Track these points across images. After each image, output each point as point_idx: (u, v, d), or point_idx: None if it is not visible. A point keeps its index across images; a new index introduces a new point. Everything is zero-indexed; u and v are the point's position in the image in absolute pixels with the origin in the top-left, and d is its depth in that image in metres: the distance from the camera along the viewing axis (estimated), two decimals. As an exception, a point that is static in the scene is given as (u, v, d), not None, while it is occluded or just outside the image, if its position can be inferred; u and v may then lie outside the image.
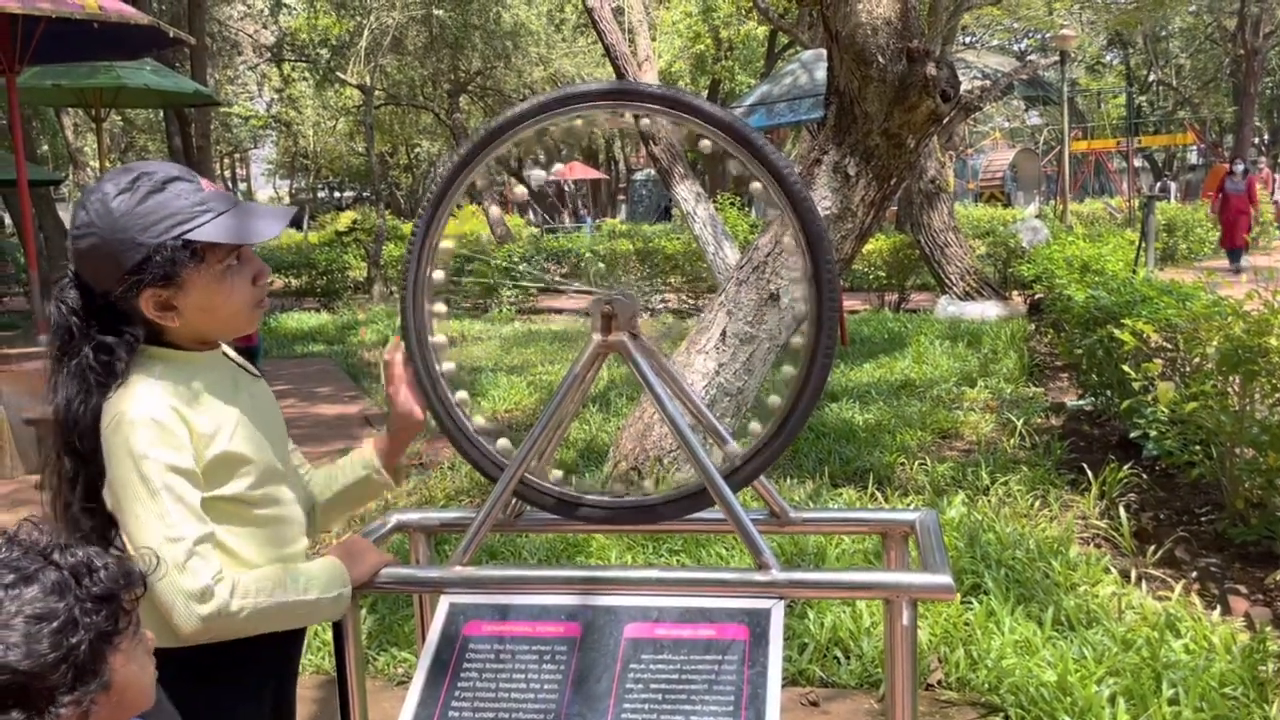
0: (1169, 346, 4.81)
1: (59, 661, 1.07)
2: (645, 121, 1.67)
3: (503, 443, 1.82)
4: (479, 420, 1.83)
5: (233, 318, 1.60)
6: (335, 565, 1.64)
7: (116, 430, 1.47)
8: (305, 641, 1.87)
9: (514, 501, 1.85)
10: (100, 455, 1.50)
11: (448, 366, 1.83)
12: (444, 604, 1.68)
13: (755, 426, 1.79)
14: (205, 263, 1.52)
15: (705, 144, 1.68)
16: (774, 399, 1.72)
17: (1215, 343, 4.23)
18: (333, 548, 1.72)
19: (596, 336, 1.69)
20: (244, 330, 1.65)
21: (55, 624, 1.08)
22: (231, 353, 1.72)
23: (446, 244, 1.79)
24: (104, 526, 1.52)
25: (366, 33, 22.33)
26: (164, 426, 1.47)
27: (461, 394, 1.83)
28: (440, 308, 1.83)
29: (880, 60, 4.37)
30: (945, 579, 1.52)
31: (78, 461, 1.52)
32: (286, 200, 41.77)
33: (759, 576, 1.58)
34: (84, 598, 1.12)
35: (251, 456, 1.58)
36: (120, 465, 1.47)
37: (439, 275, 1.80)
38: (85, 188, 1.59)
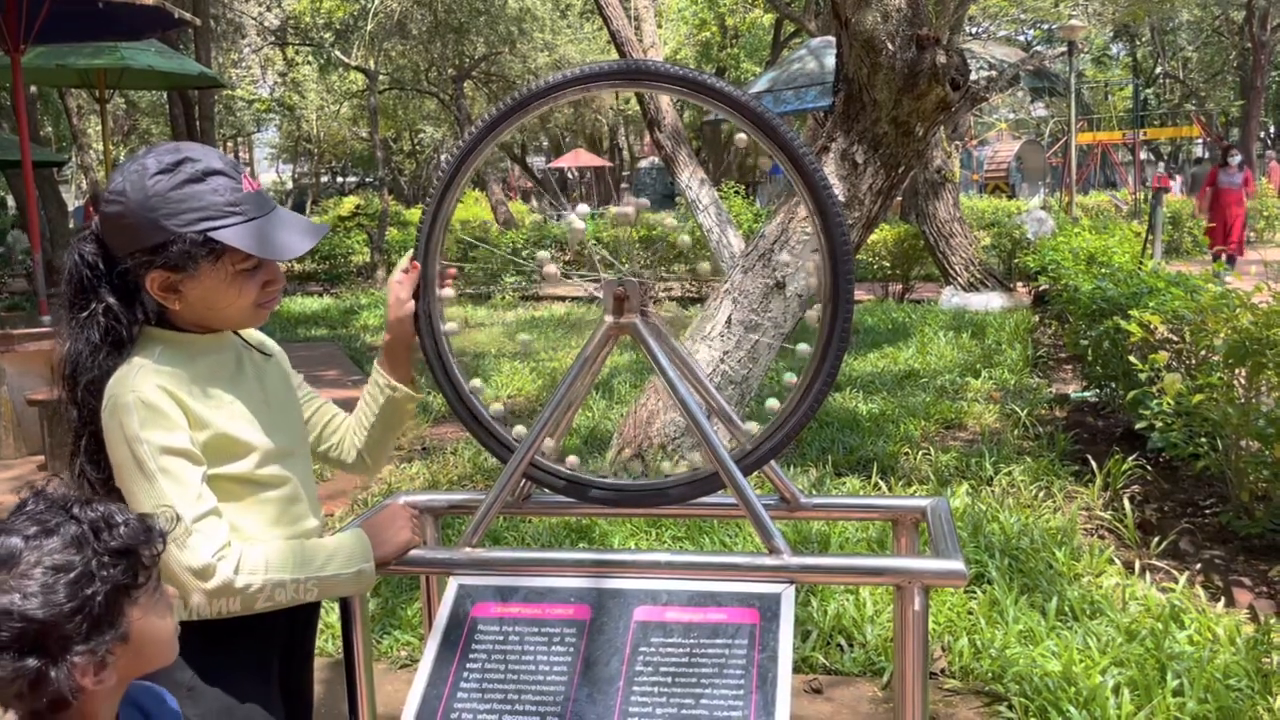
0: (1175, 338, 4.79)
1: (74, 612, 1.10)
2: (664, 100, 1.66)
3: (519, 429, 1.82)
4: (496, 408, 1.83)
5: (234, 315, 1.59)
6: (360, 539, 1.62)
7: (111, 414, 1.48)
8: (318, 623, 1.85)
9: (522, 484, 1.84)
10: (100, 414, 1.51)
11: (475, 384, 1.83)
12: (452, 585, 1.67)
13: (773, 403, 1.77)
14: (221, 262, 1.51)
15: (739, 136, 1.67)
16: (789, 376, 1.71)
17: (1222, 334, 4.21)
18: (366, 520, 1.70)
19: (608, 318, 1.68)
20: (245, 326, 1.65)
21: (72, 575, 1.11)
22: (246, 333, 1.71)
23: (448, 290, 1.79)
24: (110, 480, 1.52)
25: (371, 16, 22.26)
26: (153, 407, 1.47)
27: (476, 381, 1.83)
28: (449, 292, 1.82)
29: (890, 47, 4.35)
30: (957, 565, 1.51)
31: (82, 416, 1.53)
32: (289, 185, 41.70)
33: (770, 561, 1.57)
34: (102, 551, 1.15)
35: (251, 439, 1.57)
36: (117, 449, 1.48)
37: (447, 291, 1.80)
38: (121, 162, 1.56)
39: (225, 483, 1.54)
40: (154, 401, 1.47)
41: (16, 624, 1.08)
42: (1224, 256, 13.44)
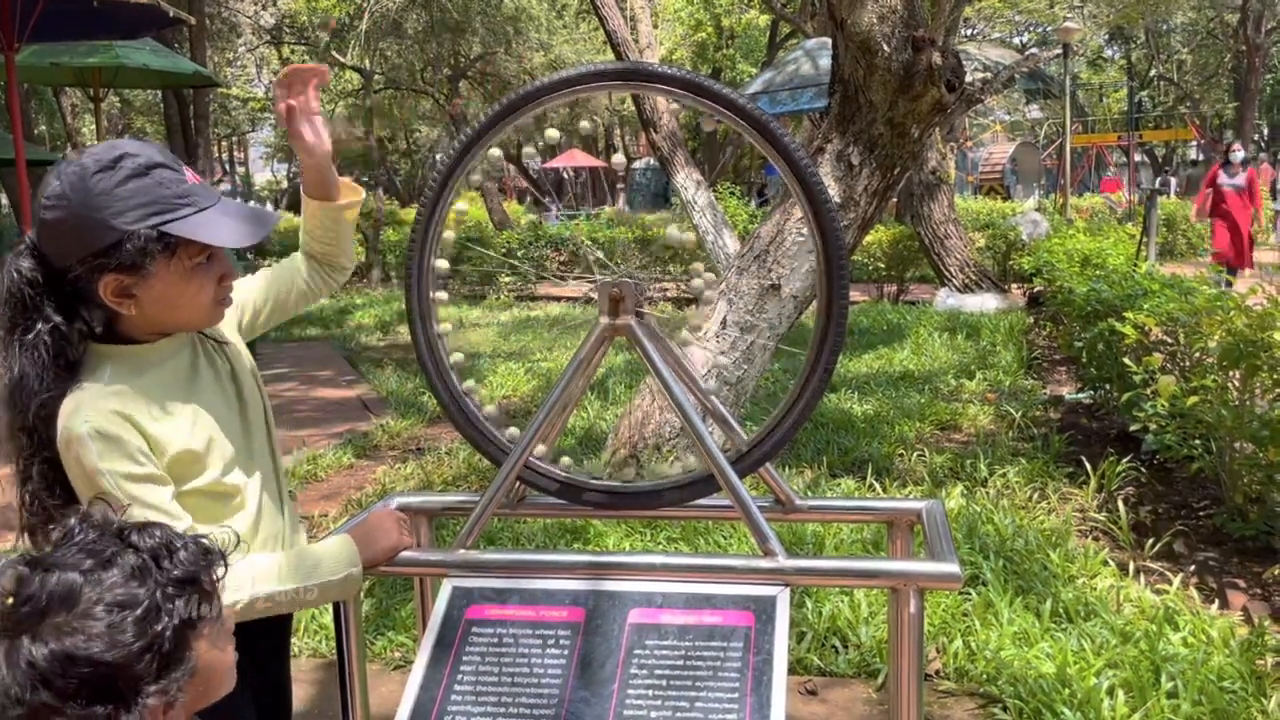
0: (1170, 340, 4.80)
1: (144, 651, 1.01)
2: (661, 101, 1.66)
3: (512, 430, 1.81)
4: (489, 409, 1.82)
5: (192, 314, 1.54)
6: (346, 544, 1.61)
7: (68, 448, 1.43)
8: (294, 620, 1.84)
9: (517, 486, 1.84)
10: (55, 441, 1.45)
11: (456, 358, 1.82)
12: (447, 587, 1.67)
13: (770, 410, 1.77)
14: (176, 257, 1.45)
15: (708, 124, 1.67)
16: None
17: (1217, 337, 4.22)
18: (353, 526, 1.69)
19: (604, 319, 1.67)
20: (203, 325, 1.60)
21: (138, 611, 1.02)
22: (213, 333, 1.67)
23: (448, 234, 1.78)
24: (66, 507, 1.45)
25: (366, 16, 22.24)
26: (110, 437, 1.42)
27: (470, 383, 1.82)
28: (442, 295, 1.82)
29: (885, 49, 4.35)
30: (953, 568, 1.51)
31: (34, 443, 1.47)
32: (285, 184, 41.64)
33: (765, 563, 1.57)
34: (165, 582, 1.06)
35: (214, 449, 1.55)
36: (81, 482, 1.43)
37: (442, 264, 1.79)
38: (62, 158, 1.51)
39: (194, 497, 1.52)
40: (109, 431, 1.42)
41: (83, 669, 0.99)
42: (1228, 268, 10.79)
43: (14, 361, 1.44)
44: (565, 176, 36.35)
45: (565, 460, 1.81)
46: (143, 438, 1.45)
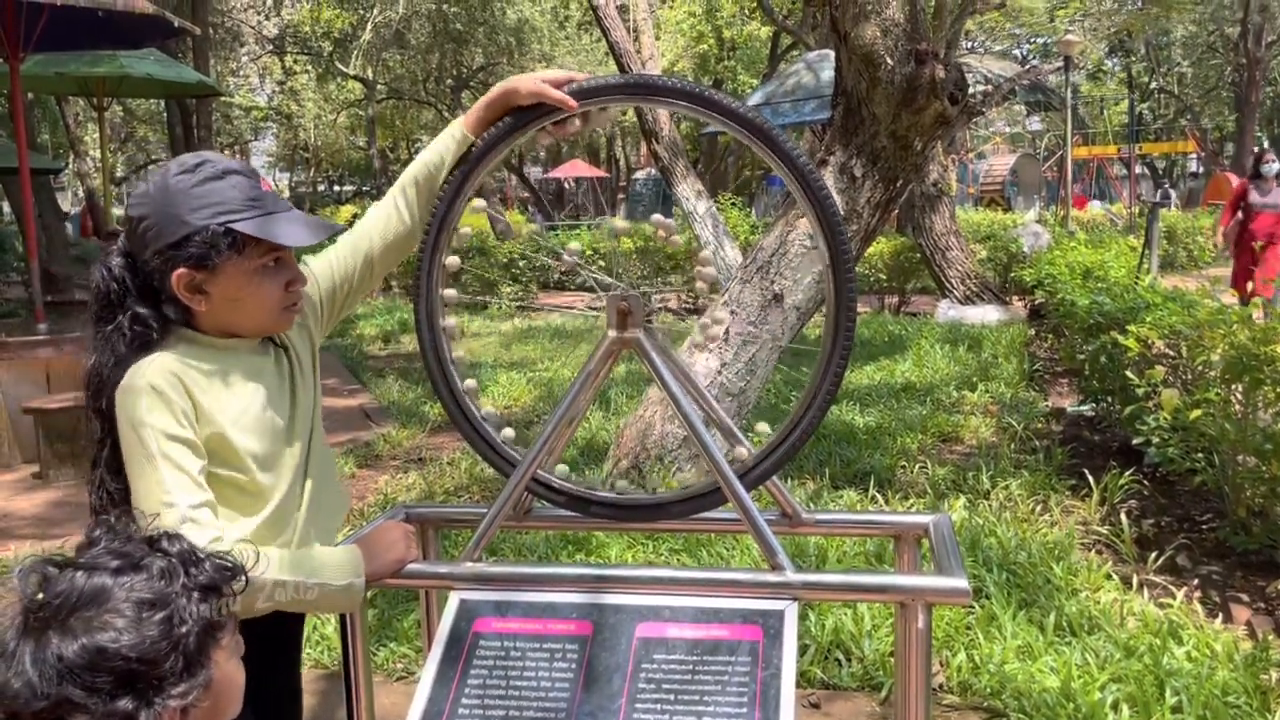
0: (1172, 353, 4.80)
1: (170, 650, 1.04)
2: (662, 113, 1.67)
3: (507, 432, 1.81)
4: (487, 408, 1.82)
5: (260, 315, 1.61)
6: (352, 554, 1.62)
7: (123, 397, 1.51)
8: (305, 628, 1.84)
9: (524, 498, 1.84)
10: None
11: (458, 353, 1.82)
12: (454, 600, 1.67)
13: (763, 427, 1.78)
14: (243, 256, 1.54)
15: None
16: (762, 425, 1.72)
17: (1220, 350, 4.22)
18: (361, 536, 1.69)
19: (612, 332, 1.68)
20: (272, 330, 1.67)
21: (165, 612, 1.05)
22: (281, 340, 1.71)
23: (464, 229, 1.79)
24: (127, 492, 1.52)
25: (370, 26, 22.31)
26: (163, 394, 1.49)
27: (471, 382, 1.82)
28: (451, 293, 1.82)
29: (888, 62, 4.36)
30: (961, 583, 1.51)
31: (104, 427, 1.55)
32: (287, 194, 41.74)
33: (773, 577, 1.57)
34: (191, 587, 1.08)
35: (251, 447, 1.58)
36: (124, 431, 1.50)
37: (453, 260, 1.79)
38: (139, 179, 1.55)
39: (218, 484, 1.55)
40: (163, 388, 1.49)
41: (112, 663, 1.00)
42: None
43: (97, 350, 1.56)
44: (567, 187, 36.41)
45: (561, 468, 1.81)
46: (192, 405, 1.52)
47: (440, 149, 1.78)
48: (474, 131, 1.76)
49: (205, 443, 1.53)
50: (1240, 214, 9.35)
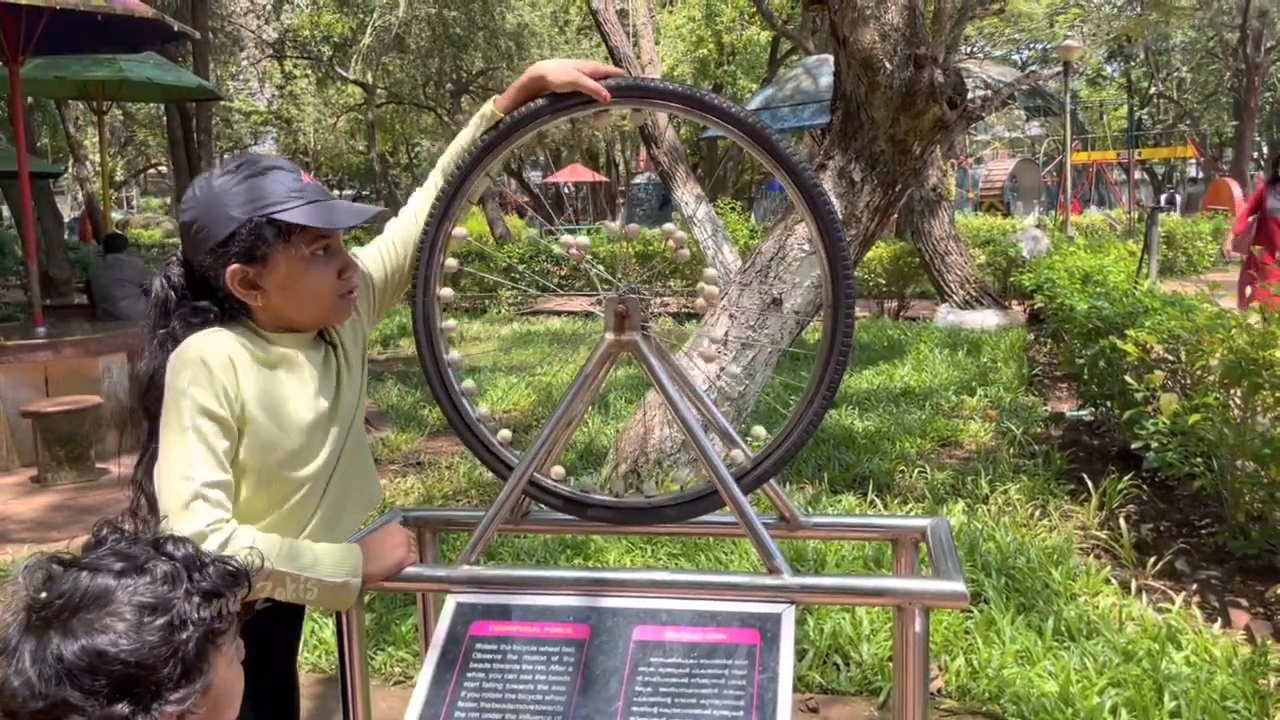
0: (1171, 358, 4.80)
1: (169, 656, 1.03)
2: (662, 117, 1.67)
3: (504, 433, 1.81)
4: (482, 409, 1.82)
5: (315, 303, 1.62)
6: (351, 553, 1.62)
7: (174, 363, 1.53)
8: (303, 627, 1.84)
9: (521, 501, 1.84)
10: None
11: (454, 355, 1.82)
12: (450, 603, 1.66)
13: (760, 430, 1.78)
14: (291, 244, 1.57)
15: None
16: (758, 429, 1.71)
17: (1218, 355, 4.22)
18: (362, 537, 1.69)
19: (609, 335, 1.67)
20: (330, 320, 1.68)
21: (168, 616, 1.04)
22: (331, 338, 1.72)
23: (459, 229, 1.79)
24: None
25: (369, 30, 22.32)
26: (210, 370, 1.51)
27: (469, 383, 1.82)
28: (448, 292, 1.82)
29: (887, 66, 4.37)
30: (958, 587, 1.51)
31: (152, 428, 1.57)
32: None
33: (770, 581, 1.56)
34: (194, 591, 1.07)
35: (284, 442, 1.59)
36: (166, 397, 1.53)
37: (451, 261, 1.79)
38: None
39: (242, 471, 1.56)
40: (212, 363, 1.51)
41: (110, 667, 1.00)
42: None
43: (151, 355, 1.59)
44: (566, 191, 36.42)
45: (557, 469, 1.81)
46: (237, 386, 1.54)
47: (474, 131, 1.81)
48: (505, 112, 1.77)
49: (240, 426, 1.54)
50: (1255, 221, 8.53)
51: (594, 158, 35.75)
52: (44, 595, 1.03)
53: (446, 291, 1.81)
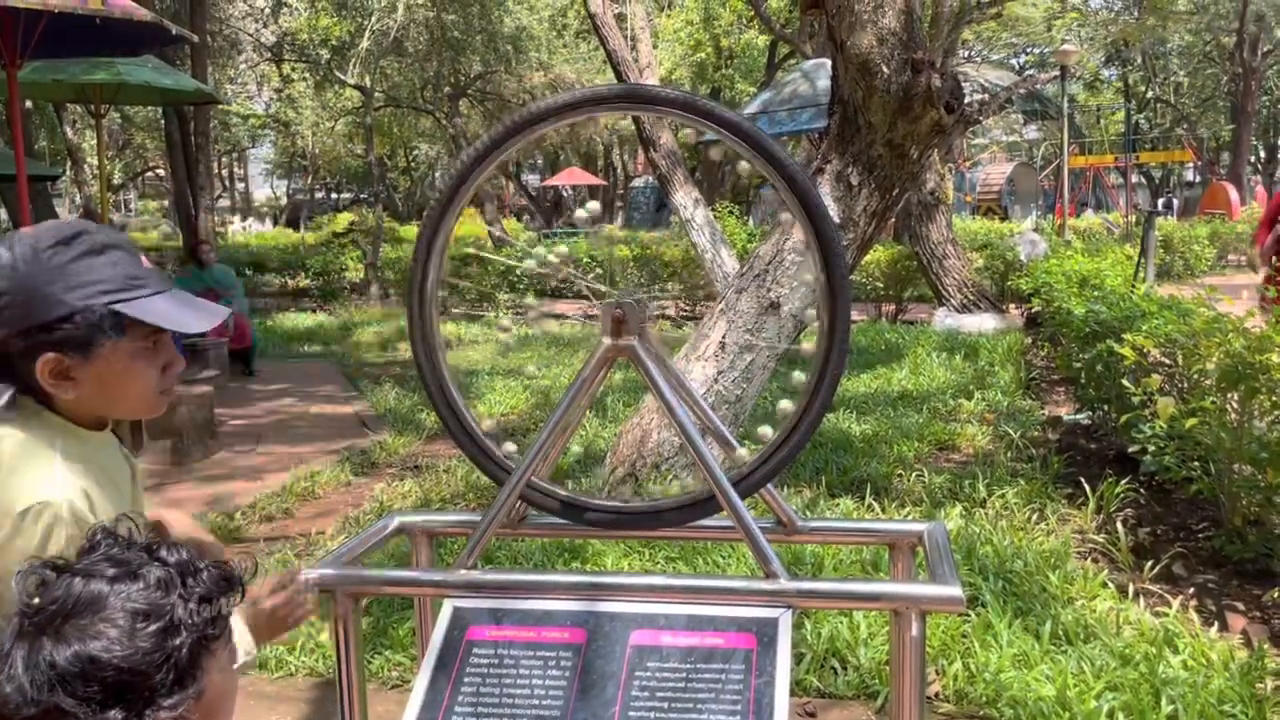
0: (1168, 362, 4.81)
1: (163, 662, 1.02)
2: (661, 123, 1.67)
3: (509, 446, 1.81)
4: (487, 424, 1.82)
5: (137, 400, 1.46)
6: (240, 635, 1.47)
7: (38, 519, 1.32)
8: (300, 636, 1.83)
9: (518, 505, 1.84)
10: None
11: (510, 446, 1.81)
12: (447, 607, 1.66)
13: (765, 430, 1.78)
14: (125, 338, 1.40)
15: (715, 151, 1.68)
16: (784, 404, 1.71)
17: (1215, 358, 4.22)
18: (250, 608, 1.56)
19: (606, 340, 1.67)
20: (145, 415, 1.53)
21: (159, 623, 1.03)
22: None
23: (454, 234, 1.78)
24: None
25: (367, 34, 22.34)
26: (82, 524, 1.31)
27: (510, 445, 1.82)
28: (442, 292, 1.82)
29: (885, 71, 4.38)
30: (955, 591, 1.51)
31: None
32: (284, 200, 41.76)
33: (767, 585, 1.57)
34: (188, 598, 1.06)
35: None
36: (18, 554, 1.27)
37: (445, 269, 1.79)
38: (11, 236, 1.43)
39: None
40: (82, 515, 1.33)
41: (103, 673, 0.98)
42: None
43: None
44: (564, 194, 36.45)
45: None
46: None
47: None
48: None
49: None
50: (1275, 233, 7.91)
51: (592, 161, 35.78)
52: (37, 601, 1.03)
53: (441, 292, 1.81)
